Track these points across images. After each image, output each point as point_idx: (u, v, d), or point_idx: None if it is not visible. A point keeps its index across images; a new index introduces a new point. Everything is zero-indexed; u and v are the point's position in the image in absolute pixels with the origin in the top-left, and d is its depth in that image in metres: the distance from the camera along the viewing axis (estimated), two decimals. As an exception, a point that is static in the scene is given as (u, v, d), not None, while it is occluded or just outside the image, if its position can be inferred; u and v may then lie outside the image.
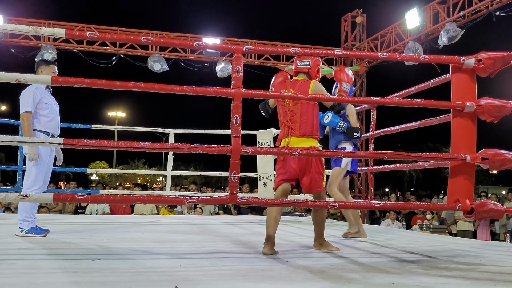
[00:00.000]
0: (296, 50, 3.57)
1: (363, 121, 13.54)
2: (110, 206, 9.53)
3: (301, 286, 2.47)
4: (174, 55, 13.00)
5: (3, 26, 3.42)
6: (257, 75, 13.66)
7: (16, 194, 3.04)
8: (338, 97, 4.24)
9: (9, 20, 11.61)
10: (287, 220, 7.47)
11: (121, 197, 3.35)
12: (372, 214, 11.62)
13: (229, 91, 3.31)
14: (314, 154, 3.43)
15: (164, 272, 2.80)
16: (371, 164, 5.65)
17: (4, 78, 3.13)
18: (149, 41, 3.47)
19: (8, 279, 2.49)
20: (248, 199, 3.39)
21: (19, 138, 3.31)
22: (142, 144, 3.23)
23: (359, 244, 4.36)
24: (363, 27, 14.05)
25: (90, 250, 3.62)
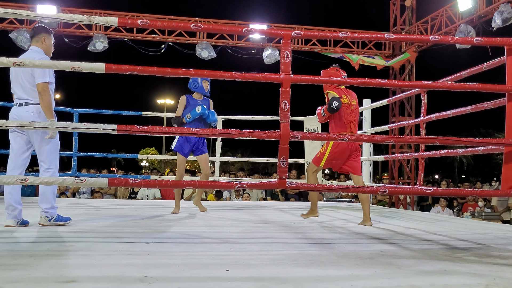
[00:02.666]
0: (345, 34, 3.53)
1: (413, 107, 13.27)
2: (161, 191, 9.73)
3: (351, 272, 2.46)
4: (221, 42, 13.06)
5: (58, 15, 3.52)
6: (304, 61, 13.58)
7: (73, 179, 3.14)
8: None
9: (62, 10, 11.93)
10: (335, 206, 7.45)
11: (173, 182, 3.41)
12: (422, 200, 11.41)
13: (278, 77, 3.32)
14: (363, 139, 3.40)
15: (215, 256, 2.86)
16: (422, 150, 5.53)
17: (60, 67, 3.24)
18: (198, 28, 3.50)
19: (68, 260, 2.60)
20: (297, 184, 3.39)
21: (75, 125, 3.41)
22: (192, 130, 3.28)
23: (410, 231, 4.31)
24: (412, 11, 13.70)
25: (143, 234, 3.72)
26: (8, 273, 2.24)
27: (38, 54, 3.98)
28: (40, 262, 2.49)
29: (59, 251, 2.85)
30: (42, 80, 3.85)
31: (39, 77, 3.86)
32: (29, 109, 3.89)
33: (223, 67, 3.66)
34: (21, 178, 3.06)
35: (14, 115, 3.91)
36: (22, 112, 3.88)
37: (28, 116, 3.86)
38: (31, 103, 3.91)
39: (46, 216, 3.92)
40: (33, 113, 3.89)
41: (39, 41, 4.08)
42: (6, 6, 11.80)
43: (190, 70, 3.31)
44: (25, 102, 3.91)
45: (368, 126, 7.73)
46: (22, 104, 3.90)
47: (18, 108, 3.91)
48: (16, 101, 3.97)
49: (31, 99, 3.91)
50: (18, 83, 3.93)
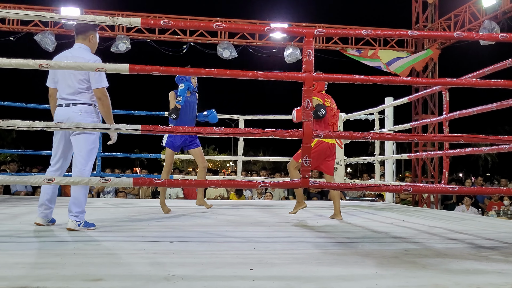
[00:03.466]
0: (368, 32, 3.52)
1: (436, 104, 13.12)
2: (184, 190, 9.79)
3: (375, 271, 2.46)
4: (242, 42, 13.08)
5: (82, 17, 3.56)
6: (325, 59, 13.53)
7: (99, 179, 3.19)
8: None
9: (86, 12, 12.08)
10: (357, 205, 7.41)
11: (196, 181, 3.44)
12: (446, 199, 11.29)
13: (300, 75, 3.32)
14: (387, 137, 3.38)
15: (238, 255, 2.87)
16: (447, 148, 5.48)
17: (85, 68, 3.29)
18: (220, 28, 3.51)
19: (93, 259, 2.63)
20: (320, 183, 3.39)
21: (100, 125, 3.45)
22: (215, 130, 3.30)
23: (434, 230, 4.27)
24: (435, 7, 13.54)
25: (167, 233, 3.75)
26: (37, 271, 2.28)
27: (88, 52, 3.94)
28: (67, 260, 2.53)
29: (85, 250, 2.90)
30: (101, 85, 3.85)
31: (97, 82, 3.84)
32: (77, 109, 3.82)
33: (243, 66, 3.68)
34: (47, 178, 3.11)
35: (61, 116, 3.82)
36: (70, 112, 3.79)
37: (77, 116, 3.78)
38: (79, 103, 3.84)
39: (76, 221, 3.75)
40: (81, 113, 3.81)
41: (87, 39, 4.00)
42: (31, 9, 11.99)
43: (213, 70, 3.32)
44: (73, 102, 3.83)
45: (391, 124, 7.68)
46: (70, 105, 3.82)
47: (65, 109, 3.83)
48: (61, 101, 3.87)
49: (79, 99, 3.84)
50: (66, 83, 3.84)
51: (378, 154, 7.97)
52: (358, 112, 8.24)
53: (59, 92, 3.90)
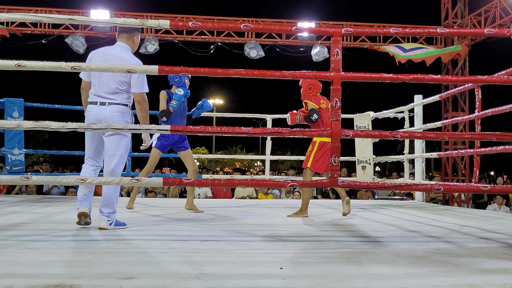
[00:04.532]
0: (397, 30, 3.49)
1: (467, 102, 12.91)
2: (212, 190, 9.84)
3: (406, 270, 2.44)
4: (269, 41, 13.09)
5: (112, 20, 3.61)
6: (352, 57, 13.46)
7: (129, 179, 3.24)
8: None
9: (115, 15, 12.25)
10: (387, 204, 7.35)
11: (225, 181, 3.46)
12: (477, 198, 11.10)
13: (328, 75, 3.31)
14: (416, 136, 3.35)
15: (268, 253, 2.88)
16: (478, 146, 5.39)
17: (116, 70, 3.33)
18: (248, 28, 3.53)
19: (125, 257, 2.68)
20: (349, 182, 3.38)
21: (131, 126, 3.49)
22: (244, 129, 3.32)
23: (466, 229, 4.21)
24: (464, 3, 13.32)
25: (197, 232, 3.78)
26: (71, 269, 2.33)
27: (129, 53, 3.91)
28: (99, 259, 2.58)
29: (117, 249, 2.94)
30: (143, 90, 3.84)
31: (139, 87, 3.83)
32: (114, 109, 3.75)
33: (268, 66, 3.68)
34: (80, 178, 3.17)
35: (95, 114, 3.75)
36: (106, 111, 3.73)
37: (113, 116, 3.72)
38: (115, 103, 3.78)
39: (107, 220, 3.76)
40: (118, 113, 3.76)
41: (131, 39, 3.95)
42: (62, 12, 12.23)
43: (241, 70, 3.34)
44: (109, 102, 3.76)
45: (420, 123, 7.59)
46: (105, 104, 3.74)
47: (100, 107, 3.75)
48: (96, 98, 3.78)
49: (116, 99, 3.78)
50: (104, 82, 3.76)
51: (407, 153, 7.89)
52: (387, 111, 8.17)
53: (95, 89, 3.81)
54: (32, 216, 4.66)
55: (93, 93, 3.82)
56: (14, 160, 7.24)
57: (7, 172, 7.21)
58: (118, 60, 3.74)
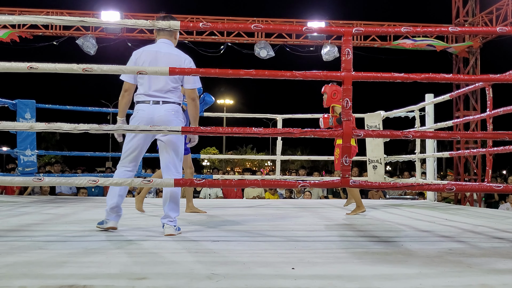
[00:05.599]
0: (408, 29, 3.47)
1: (478, 101, 12.84)
2: (223, 190, 9.86)
3: (419, 270, 2.42)
4: (279, 41, 13.09)
5: (123, 21, 3.62)
6: (362, 57, 13.42)
7: (141, 180, 3.25)
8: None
9: (125, 16, 12.31)
10: (398, 203, 7.32)
11: (237, 181, 3.46)
12: (490, 197, 11.03)
13: (339, 74, 3.30)
14: (428, 136, 3.34)
15: (280, 254, 2.88)
16: (490, 146, 5.35)
17: (127, 71, 3.36)
18: (258, 29, 3.53)
19: (137, 258, 2.69)
20: (361, 182, 3.37)
21: (142, 127, 3.48)
22: (255, 130, 3.32)
23: (479, 228, 4.18)
24: (476, 1, 13.25)
25: (208, 232, 3.79)
26: (84, 270, 2.34)
27: (177, 49, 3.83)
28: (112, 260, 2.59)
29: (129, 249, 2.95)
30: (196, 86, 3.77)
31: (194, 82, 3.75)
32: (169, 108, 3.65)
33: (278, 65, 3.69)
34: (92, 179, 3.19)
35: (149, 113, 3.63)
36: (161, 110, 3.62)
37: (169, 115, 3.63)
38: (170, 101, 3.68)
39: (174, 226, 3.61)
40: (174, 112, 3.67)
41: (173, 36, 3.90)
42: (73, 14, 12.32)
43: (251, 70, 3.34)
44: (163, 100, 3.65)
45: (431, 122, 7.55)
46: (159, 102, 3.63)
47: (154, 106, 3.63)
48: (147, 98, 3.65)
49: (170, 98, 3.68)
50: (156, 80, 3.64)
51: (418, 152, 7.85)
52: (397, 110, 8.14)
53: (144, 88, 3.68)
54: (45, 217, 4.69)
55: (142, 93, 3.69)
56: (27, 162, 7.29)
57: (20, 174, 7.27)
58: (168, 57, 3.68)
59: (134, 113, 3.69)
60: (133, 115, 3.69)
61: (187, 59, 3.75)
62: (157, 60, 3.65)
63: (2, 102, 7.15)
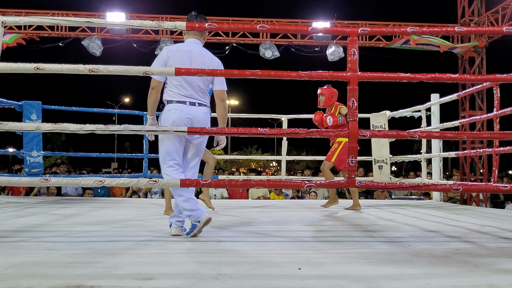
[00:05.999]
0: (414, 29, 3.47)
1: (484, 100, 12.79)
2: (228, 190, 9.86)
3: (426, 270, 2.42)
4: (284, 41, 13.09)
5: (129, 22, 3.63)
6: (367, 56, 13.41)
7: (147, 180, 3.26)
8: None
9: (131, 17, 12.34)
10: (404, 204, 7.31)
11: (242, 182, 3.46)
12: (496, 197, 10.99)
13: (344, 75, 3.30)
14: (434, 136, 3.33)
15: (286, 254, 2.88)
16: (496, 145, 5.34)
17: (132, 72, 3.35)
18: (264, 29, 3.53)
19: (144, 258, 2.69)
20: (367, 182, 3.36)
21: (148, 127, 3.50)
22: (260, 130, 3.32)
23: (485, 228, 4.17)
24: (481, 1, 13.21)
25: (214, 232, 3.79)
26: (90, 270, 2.35)
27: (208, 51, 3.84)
28: (119, 260, 2.60)
29: (135, 250, 2.96)
30: (224, 88, 3.78)
31: (223, 84, 3.78)
32: (205, 111, 3.71)
33: (283, 65, 3.70)
34: (98, 179, 3.20)
35: (188, 114, 3.60)
36: (199, 112, 3.64)
37: (205, 118, 3.68)
38: (204, 104, 3.72)
39: (181, 226, 3.66)
40: (207, 115, 3.73)
41: (203, 36, 3.85)
42: (78, 15, 12.36)
43: (257, 71, 3.34)
44: (199, 102, 3.67)
45: (437, 122, 7.53)
46: (195, 104, 3.64)
47: (191, 108, 3.62)
48: (183, 98, 3.62)
49: (204, 100, 3.72)
50: (192, 81, 3.64)
51: (424, 152, 7.83)
52: (403, 110, 8.12)
53: (180, 88, 3.64)
54: (51, 218, 4.71)
55: (178, 92, 3.65)
56: (33, 162, 7.32)
57: (26, 174, 7.29)
58: (202, 58, 3.69)
59: (167, 113, 3.63)
60: (167, 115, 3.62)
61: (218, 62, 3.77)
62: (190, 61, 3.64)
63: (8, 103, 7.18)
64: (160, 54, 3.66)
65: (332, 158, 6.01)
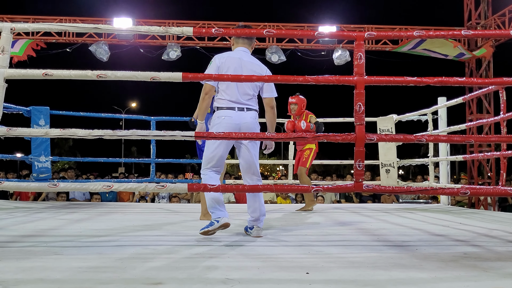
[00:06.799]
0: (420, 33, 3.47)
1: (491, 104, 12.74)
2: (235, 195, 9.85)
3: (434, 275, 2.42)
4: (290, 46, 13.10)
5: (137, 28, 3.65)
6: (373, 60, 13.40)
7: (155, 185, 3.27)
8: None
9: (137, 22, 12.40)
10: (412, 207, 7.29)
11: (250, 186, 3.47)
12: (504, 201, 10.93)
13: (351, 79, 3.31)
14: (442, 139, 3.32)
15: (294, 258, 2.88)
16: (504, 149, 5.32)
17: (140, 77, 3.38)
18: (271, 34, 3.55)
19: (152, 263, 2.70)
20: (374, 187, 3.36)
21: (155, 133, 3.52)
22: (267, 134, 3.33)
23: (494, 232, 4.15)
24: (488, 4, 13.15)
25: (222, 237, 3.79)
26: (99, 275, 2.36)
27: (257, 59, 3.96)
28: (127, 264, 2.61)
29: (143, 254, 2.97)
30: (273, 95, 3.88)
31: (273, 91, 3.88)
32: (254, 115, 3.80)
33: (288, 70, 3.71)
34: (107, 184, 3.21)
35: (236, 120, 3.70)
36: (247, 117, 3.74)
37: (254, 122, 3.77)
38: (253, 109, 3.80)
39: (261, 228, 3.87)
40: (255, 119, 3.80)
41: (251, 45, 3.98)
42: (85, 21, 12.43)
43: (264, 76, 3.36)
44: (247, 107, 3.76)
45: (444, 125, 7.51)
46: (244, 109, 3.73)
47: (240, 113, 3.72)
48: (232, 104, 3.71)
49: (252, 105, 3.81)
50: (240, 86, 3.74)
51: (432, 156, 7.81)
52: (410, 113, 8.11)
53: (228, 94, 3.74)
54: (59, 222, 4.73)
55: (227, 99, 3.74)
56: (41, 168, 7.35)
57: (34, 180, 7.32)
58: (251, 65, 3.79)
59: (217, 119, 3.73)
60: (217, 121, 3.72)
61: (267, 69, 3.86)
62: (241, 67, 3.75)
63: (16, 109, 7.22)
64: (213, 62, 3.77)
65: (307, 164, 6.53)
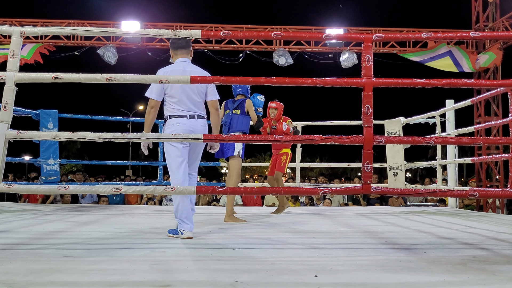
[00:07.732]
0: (428, 35, 3.46)
1: (500, 106, 12.68)
2: (243, 198, 9.87)
3: (443, 278, 2.41)
4: (298, 48, 13.11)
5: (145, 31, 3.68)
6: (381, 63, 13.36)
7: (163, 187, 3.28)
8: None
9: (145, 25, 12.44)
10: (419, 210, 7.26)
11: (258, 189, 3.48)
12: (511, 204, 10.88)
13: (359, 81, 3.30)
14: (450, 141, 3.32)
15: (302, 261, 2.88)
16: (513, 151, 5.29)
17: (149, 80, 3.40)
18: (278, 36, 3.55)
19: (160, 265, 2.71)
20: (383, 189, 3.36)
21: (164, 135, 3.54)
22: (276, 137, 3.34)
23: (502, 235, 4.13)
24: (496, 6, 13.10)
25: (230, 240, 3.80)
26: (108, 277, 2.37)
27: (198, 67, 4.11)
28: (136, 267, 2.62)
29: (152, 257, 2.98)
30: (216, 97, 4.10)
31: (215, 94, 4.11)
32: (204, 123, 4.01)
33: (296, 72, 3.73)
34: (115, 187, 3.23)
35: (189, 126, 3.90)
36: (199, 125, 3.95)
37: (204, 129, 3.96)
38: (202, 116, 4.02)
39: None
40: (205, 126, 4.01)
41: (189, 53, 4.18)
42: (94, 25, 12.48)
43: (272, 78, 3.36)
44: (197, 115, 3.98)
45: (452, 128, 7.48)
46: (195, 117, 3.95)
47: (191, 121, 3.92)
48: (183, 112, 3.92)
49: (201, 112, 4.02)
50: (187, 95, 3.93)
51: (439, 159, 7.78)
52: (417, 116, 8.09)
53: (179, 103, 3.93)
54: (68, 225, 4.75)
55: (177, 107, 3.94)
56: (50, 171, 7.39)
57: (43, 182, 7.36)
58: (195, 74, 3.86)
59: (172, 127, 3.91)
60: (171, 129, 3.90)
61: (208, 74, 3.99)
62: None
63: (25, 112, 7.27)
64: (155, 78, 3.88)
65: (284, 169, 6.73)
